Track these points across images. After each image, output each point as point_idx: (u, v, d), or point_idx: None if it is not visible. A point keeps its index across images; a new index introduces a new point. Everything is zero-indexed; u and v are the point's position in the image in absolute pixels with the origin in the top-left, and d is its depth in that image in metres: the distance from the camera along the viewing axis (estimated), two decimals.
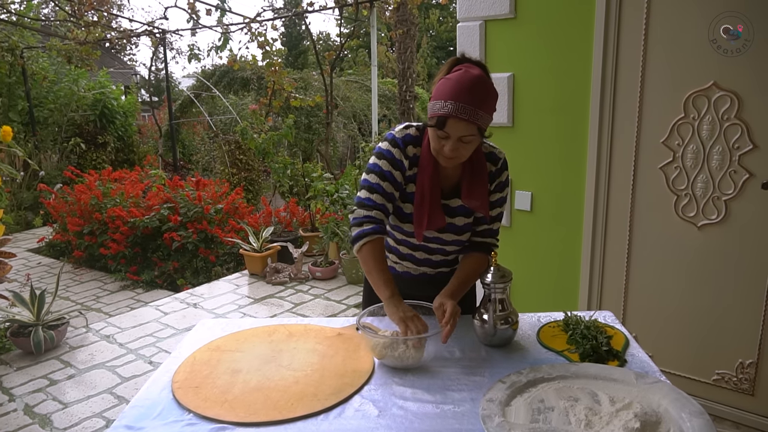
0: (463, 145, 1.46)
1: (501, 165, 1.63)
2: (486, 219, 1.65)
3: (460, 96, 1.40)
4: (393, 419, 1.21)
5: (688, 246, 2.40)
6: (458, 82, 1.42)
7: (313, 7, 6.06)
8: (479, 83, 1.42)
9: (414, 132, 1.59)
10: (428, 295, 1.61)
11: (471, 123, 1.41)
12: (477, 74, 1.44)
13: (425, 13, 19.58)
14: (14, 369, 3.37)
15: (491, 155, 1.63)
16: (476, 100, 1.41)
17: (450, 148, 1.45)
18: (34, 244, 6.59)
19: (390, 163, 1.57)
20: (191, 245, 5.29)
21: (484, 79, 1.44)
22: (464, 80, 1.42)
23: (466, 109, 1.40)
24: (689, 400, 1.17)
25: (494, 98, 1.46)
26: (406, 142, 1.58)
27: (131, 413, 1.28)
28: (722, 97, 2.20)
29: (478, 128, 1.43)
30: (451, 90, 1.42)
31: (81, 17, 7.71)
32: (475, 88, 1.41)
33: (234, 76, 10.36)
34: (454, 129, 1.42)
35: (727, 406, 2.42)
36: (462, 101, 1.40)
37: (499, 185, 1.64)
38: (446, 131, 1.43)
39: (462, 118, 1.40)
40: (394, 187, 1.57)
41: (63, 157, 8.93)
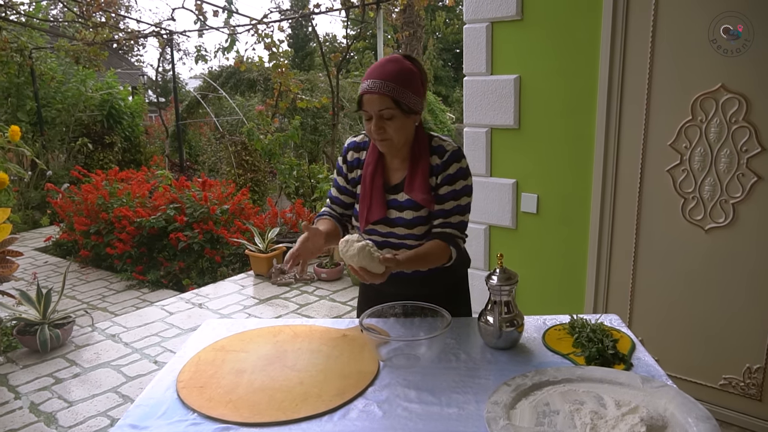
0: (387, 122, 1.53)
1: (447, 157, 1.63)
2: (440, 213, 1.64)
3: (371, 74, 1.53)
4: (397, 421, 1.21)
5: (695, 249, 2.38)
6: (373, 65, 1.56)
7: (319, 9, 6.07)
8: (392, 61, 1.54)
9: (360, 138, 1.74)
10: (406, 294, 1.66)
11: (383, 95, 1.50)
12: (392, 56, 1.57)
13: (432, 15, 19.58)
14: (20, 367, 3.39)
15: (438, 148, 1.65)
16: (387, 74, 1.51)
17: (374, 126, 1.53)
18: (41, 243, 6.62)
19: (336, 171, 1.80)
20: (197, 245, 5.30)
21: (398, 58, 1.56)
22: (379, 61, 1.56)
23: (377, 83, 1.50)
24: (696, 405, 1.16)
25: (412, 75, 1.54)
26: (348, 149, 1.76)
27: (136, 412, 1.28)
28: (730, 99, 2.19)
29: (393, 101, 1.50)
30: (367, 73, 1.55)
31: (89, 18, 7.75)
32: (387, 65, 1.53)
33: (240, 78, 10.39)
34: (370, 104, 1.52)
35: (734, 411, 2.40)
36: (373, 77, 1.52)
37: (448, 178, 1.62)
38: (365, 109, 1.54)
39: (374, 91, 1.50)
40: (338, 191, 1.79)
41: (70, 156, 8.98)
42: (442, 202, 1.64)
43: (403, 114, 1.53)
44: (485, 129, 2.91)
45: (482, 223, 3.02)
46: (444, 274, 1.73)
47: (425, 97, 1.63)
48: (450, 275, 1.77)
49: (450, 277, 1.78)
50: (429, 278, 1.73)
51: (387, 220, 1.67)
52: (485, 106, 2.88)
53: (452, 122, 11.95)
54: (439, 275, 1.73)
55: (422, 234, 1.67)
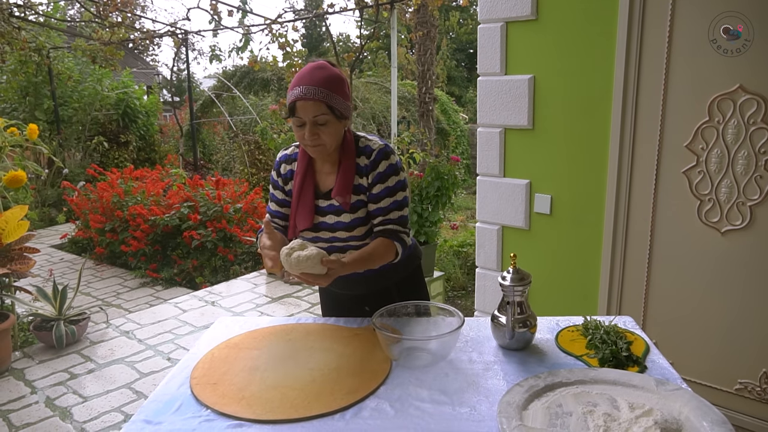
0: (321, 128, 1.54)
1: (375, 156, 1.64)
2: (378, 211, 1.66)
3: (302, 80, 1.53)
4: (409, 420, 1.21)
5: (711, 252, 2.36)
6: (301, 71, 1.57)
7: (333, 9, 6.09)
8: (319, 67, 1.56)
9: (291, 150, 1.76)
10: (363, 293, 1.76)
11: (318, 101, 1.51)
12: (317, 62, 1.58)
13: (446, 15, 19.53)
14: (36, 362, 3.43)
15: (366, 148, 1.66)
16: (319, 80, 1.52)
17: (308, 133, 1.54)
18: (57, 240, 6.71)
19: (272, 185, 1.81)
20: (210, 244, 5.34)
21: (325, 65, 1.58)
22: (305, 69, 1.57)
23: (310, 90, 1.51)
24: (711, 409, 1.15)
25: (341, 81, 1.57)
26: (280, 162, 1.77)
27: (150, 408, 1.29)
28: (748, 100, 2.16)
29: (328, 107, 1.52)
30: (295, 79, 1.56)
31: (105, 18, 7.83)
32: (315, 72, 1.54)
33: (254, 77, 10.45)
34: (304, 111, 1.52)
35: (749, 417, 2.37)
36: (304, 83, 1.52)
37: (379, 176, 1.64)
38: (299, 116, 1.54)
39: (308, 98, 1.51)
40: (277, 204, 1.79)
41: (86, 155, 9.08)
42: (378, 201, 1.66)
43: (335, 119, 1.56)
44: (499, 129, 2.90)
45: (495, 223, 3.01)
46: (395, 269, 1.77)
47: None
48: (401, 270, 1.80)
49: (401, 271, 1.81)
50: (381, 275, 1.76)
51: (327, 225, 1.69)
52: (499, 107, 2.87)
53: (465, 122, 11.92)
54: (391, 271, 1.76)
55: (363, 235, 1.69)
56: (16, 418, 2.82)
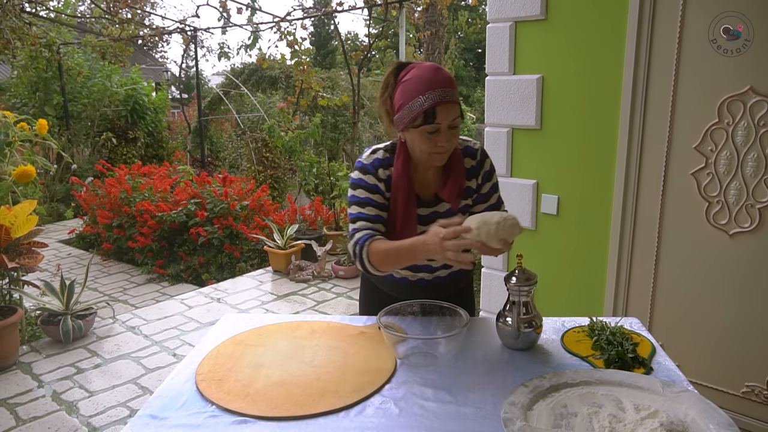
0: (453, 131, 1.48)
1: (480, 156, 1.65)
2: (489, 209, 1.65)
3: (433, 83, 1.42)
4: (414, 418, 1.21)
5: (719, 254, 2.34)
6: (424, 74, 1.44)
7: (342, 7, 6.09)
8: (438, 68, 1.47)
9: (382, 155, 1.60)
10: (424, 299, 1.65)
11: (455, 103, 1.45)
12: (429, 64, 1.49)
13: (454, 14, 19.51)
14: (43, 356, 3.46)
15: (467, 149, 1.64)
16: (447, 81, 1.45)
17: (445, 138, 1.46)
18: (65, 235, 6.75)
19: (367, 189, 1.58)
20: (217, 241, 5.36)
21: (439, 66, 1.50)
22: (428, 70, 1.45)
23: (447, 92, 1.43)
24: (717, 411, 1.14)
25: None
26: (376, 166, 1.59)
27: (155, 403, 1.30)
28: (759, 102, 2.14)
29: (460, 108, 1.47)
30: (424, 84, 1.43)
31: (115, 14, 7.88)
32: (439, 73, 1.45)
33: (262, 75, 10.46)
34: (444, 115, 1.43)
35: (756, 420, 2.35)
36: (438, 86, 1.42)
37: (486, 175, 1.66)
38: (438, 122, 1.43)
39: (448, 100, 1.43)
40: (377, 208, 1.58)
41: (95, 151, 9.13)
42: (488, 199, 1.68)
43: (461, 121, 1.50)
44: (506, 129, 2.89)
45: None
46: (453, 282, 1.76)
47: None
48: (458, 282, 1.79)
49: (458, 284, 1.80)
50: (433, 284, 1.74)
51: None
52: (507, 106, 2.86)
53: (473, 122, 11.91)
54: (443, 281, 1.74)
55: None
56: (23, 412, 2.84)
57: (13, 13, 6.98)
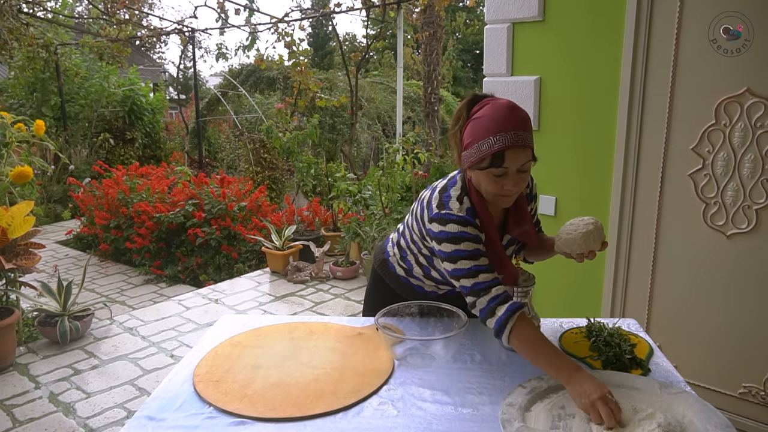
0: (522, 174, 1.38)
1: (531, 181, 1.66)
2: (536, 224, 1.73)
3: (507, 125, 1.33)
4: (411, 419, 1.21)
5: (716, 255, 2.35)
6: (497, 112, 1.35)
7: (340, 8, 6.09)
8: (515, 108, 1.37)
9: (469, 202, 1.46)
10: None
11: (527, 147, 1.36)
12: (506, 102, 1.38)
13: (452, 15, 19.53)
14: (40, 357, 3.45)
15: None
16: (521, 123, 1.35)
17: (512, 182, 1.37)
18: (62, 236, 6.74)
19: (472, 239, 1.42)
20: (214, 242, 5.36)
21: (516, 105, 1.39)
22: (502, 109, 1.35)
23: (519, 135, 1.33)
24: (715, 413, 1.15)
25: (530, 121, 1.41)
26: (474, 216, 1.45)
27: (153, 404, 1.30)
28: (756, 103, 2.15)
29: (532, 152, 1.38)
30: (495, 123, 1.34)
31: (113, 15, 7.87)
32: (515, 113, 1.35)
33: (260, 76, 10.47)
34: (514, 159, 1.34)
35: (753, 421, 2.36)
36: (513, 129, 1.33)
37: (536, 197, 1.71)
38: (506, 166, 1.35)
39: (519, 144, 1.33)
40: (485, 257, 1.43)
41: (92, 151, 9.12)
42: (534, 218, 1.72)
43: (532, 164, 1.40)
44: None
45: None
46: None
47: None
48: None
49: None
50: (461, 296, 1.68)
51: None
52: None
53: None
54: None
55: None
56: (20, 413, 2.83)
57: (10, 13, 6.98)
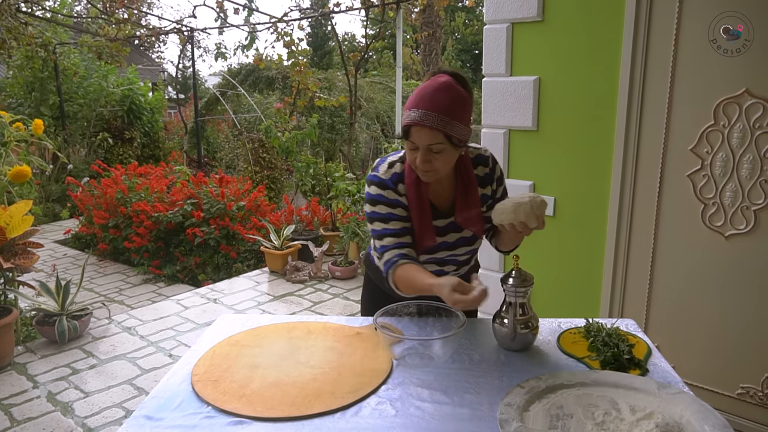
0: (435, 155, 1.43)
1: (492, 163, 1.65)
2: None
3: (421, 103, 1.39)
4: (410, 419, 1.21)
5: (714, 256, 2.35)
6: (423, 89, 1.42)
7: (339, 8, 6.09)
8: (443, 89, 1.40)
9: (400, 168, 1.57)
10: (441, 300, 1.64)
11: (436, 130, 1.38)
12: (443, 81, 1.41)
13: (451, 15, 19.54)
14: (38, 357, 3.44)
15: (479, 158, 1.64)
16: (439, 105, 1.38)
17: (420, 159, 1.43)
18: (60, 235, 6.72)
19: (387, 204, 1.56)
20: (213, 241, 5.35)
21: (451, 85, 1.41)
22: (428, 87, 1.41)
23: (428, 116, 1.38)
24: (713, 413, 1.15)
25: (464, 104, 1.43)
26: (395, 182, 1.56)
27: (151, 404, 1.29)
28: (754, 104, 2.15)
29: (445, 136, 1.40)
30: (415, 98, 1.42)
31: (112, 15, 7.86)
32: (438, 95, 1.39)
33: (259, 75, 10.46)
34: (419, 137, 1.41)
35: (751, 422, 2.36)
36: (423, 107, 1.38)
37: (499, 180, 1.67)
38: (412, 141, 1.42)
39: (425, 125, 1.38)
40: (401, 221, 1.56)
41: (91, 151, 9.11)
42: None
43: (452, 147, 1.44)
44: (503, 130, 2.89)
45: None
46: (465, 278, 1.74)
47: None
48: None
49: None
50: None
51: (447, 244, 1.65)
52: (503, 108, 2.86)
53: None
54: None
55: (477, 246, 1.73)
56: (18, 413, 2.83)
57: (9, 12, 6.96)
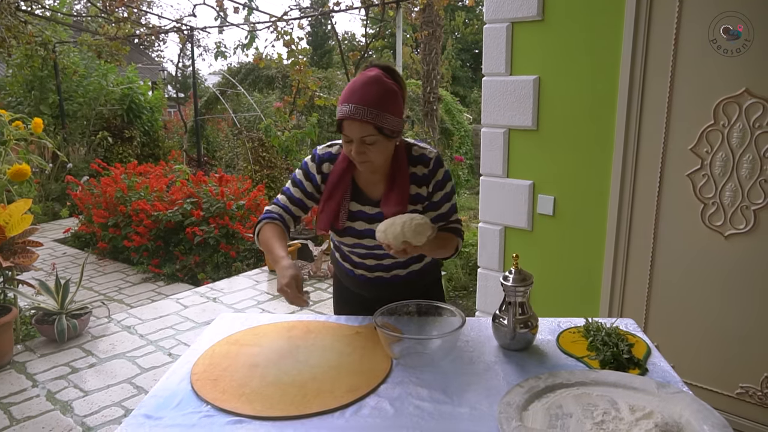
0: (368, 147, 1.49)
1: (433, 165, 1.63)
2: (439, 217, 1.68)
3: (352, 97, 1.46)
4: (409, 419, 1.21)
5: (714, 256, 2.35)
6: (352, 84, 1.48)
7: (339, 7, 6.08)
8: (372, 83, 1.46)
9: (336, 150, 1.66)
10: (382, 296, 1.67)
11: (366, 123, 1.45)
12: (372, 75, 1.48)
13: (451, 15, 19.52)
14: (38, 355, 3.44)
15: (421, 157, 1.64)
16: (369, 98, 1.44)
17: (355, 150, 1.49)
18: (60, 234, 6.72)
19: (303, 173, 1.69)
20: (213, 240, 5.35)
21: (379, 78, 1.48)
22: (357, 82, 1.47)
23: (358, 110, 1.44)
24: (712, 413, 1.15)
25: (394, 96, 1.49)
26: (323, 159, 1.67)
27: (150, 403, 1.29)
28: (754, 104, 2.15)
29: (376, 128, 1.46)
30: (346, 92, 1.48)
31: (112, 13, 7.84)
32: (367, 88, 1.45)
33: (259, 74, 10.46)
34: (351, 130, 1.47)
35: (750, 421, 2.36)
36: (354, 102, 1.45)
37: (438, 184, 1.65)
38: (346, 134, 1.49)
39: (356, 118, 1.44)
40: (302, 194, 1.69)
41: (90, 149, 9.10)
42: (438, 208, 1.67)
43: (385, 138, 1.49)
44: (503, 130, 2.89)
45: (498, 224, 3.00)
46: (421, 277, 1.80)
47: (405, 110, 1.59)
48: (426, 277, 1.82)
49: (426, 279, 1.83)
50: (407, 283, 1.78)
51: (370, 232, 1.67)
52: (503, 107, 2.86)
53: (469, 123, 11.91)
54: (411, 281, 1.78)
55: None
56: (17, 411, 2.83)
57: (9, 11, 6.95)
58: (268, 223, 1.67)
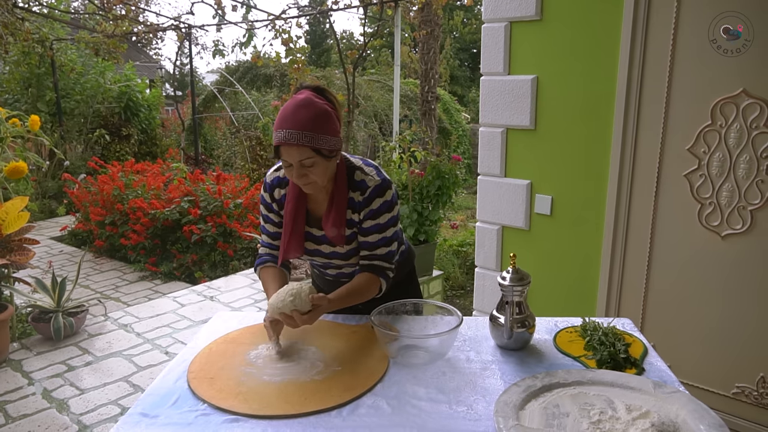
0: (309, 169, 1.48)
1: (369, 194, 1.59)
2: (365, 245, 1.65)
3: (284, 123, 1.45)
4: (406, 417, 1.21)
5: (711, 256, 2.35)
6: (284, 109, 1.47)
7: (337, 6, 6.08)
8: (303, 106, 1.46)
9: (283, 174, 1.65)
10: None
11: (302, 146, 1.44)
12: (302, 98, 1.47)
13: (449, 14, 19.53)
14: (34, 354, 3.43)
15: (360, 183, 1.60)
16: (302, 122, 1.44)
17: (295, 174, 1.49)
18: (56, 232, 6.70)
19: (264, 206, 1.73)
20: (210, 239, 5.34)
21: (310, 100, 1.47)
22: (288, 107, 1.47)
23: (293, 134, 1.43)
24: (708, 412, 1.15)
25: (327, 117, 1.48)
26: (273, 186, 1.68)
27: (147, 401, 1.29)
28: (751, 104, 2.16)
29: (313, 150, 1.45)
30: (279, 118, 1.47)
31: (109, 11, 7.82)
32: (298, 112, 1.45)
33: (257, 73, 10.45)
34: (289, 155, 1.46)
35: (746, 421, 2.37)
36: (287, 127, 1.44)
37: (371, 213, 1.60)
38: (284, 159, 1.48)
39: (292, 143, 1.44)
40: (274, 225, 1.73)
41: (88, 147, 9.08)
42: (367, 235, 1.64)
43: (324, 159, 1.49)
44: (501, 129, 2.89)
45: (495, 223, 3.01)
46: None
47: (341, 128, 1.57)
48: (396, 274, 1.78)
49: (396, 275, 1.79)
50: None
51: (323, 254, 1.70)
52: (501, 106, 2.86)
53: (467, 122, 11.93)
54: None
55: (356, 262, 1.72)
56: (13, 409, 2.82)
57: (6, 8, 6.93)
58: (262, 269, 1.73)
